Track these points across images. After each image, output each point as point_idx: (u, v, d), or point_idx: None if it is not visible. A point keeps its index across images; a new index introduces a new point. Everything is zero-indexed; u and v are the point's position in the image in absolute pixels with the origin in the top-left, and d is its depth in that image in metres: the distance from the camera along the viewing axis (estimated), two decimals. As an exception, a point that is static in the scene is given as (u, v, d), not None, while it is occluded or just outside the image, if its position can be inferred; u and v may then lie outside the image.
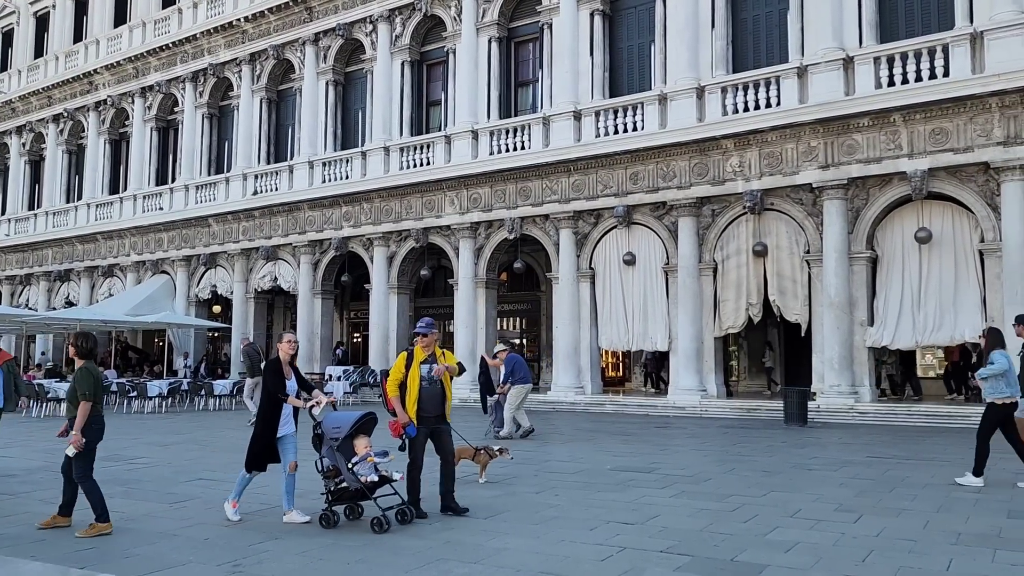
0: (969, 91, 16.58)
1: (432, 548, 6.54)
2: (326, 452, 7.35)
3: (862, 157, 17.97)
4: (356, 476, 7.14)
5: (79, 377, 7.12)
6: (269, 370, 7.59)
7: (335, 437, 7.27)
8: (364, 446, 7.32)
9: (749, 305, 19.52)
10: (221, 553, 6.43)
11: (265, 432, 7.45)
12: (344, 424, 7.34)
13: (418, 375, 7.61)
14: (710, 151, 19.83)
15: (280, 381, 7.52)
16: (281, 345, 7.78)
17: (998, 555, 6.24)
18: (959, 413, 16.75)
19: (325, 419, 7.42)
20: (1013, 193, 16.36)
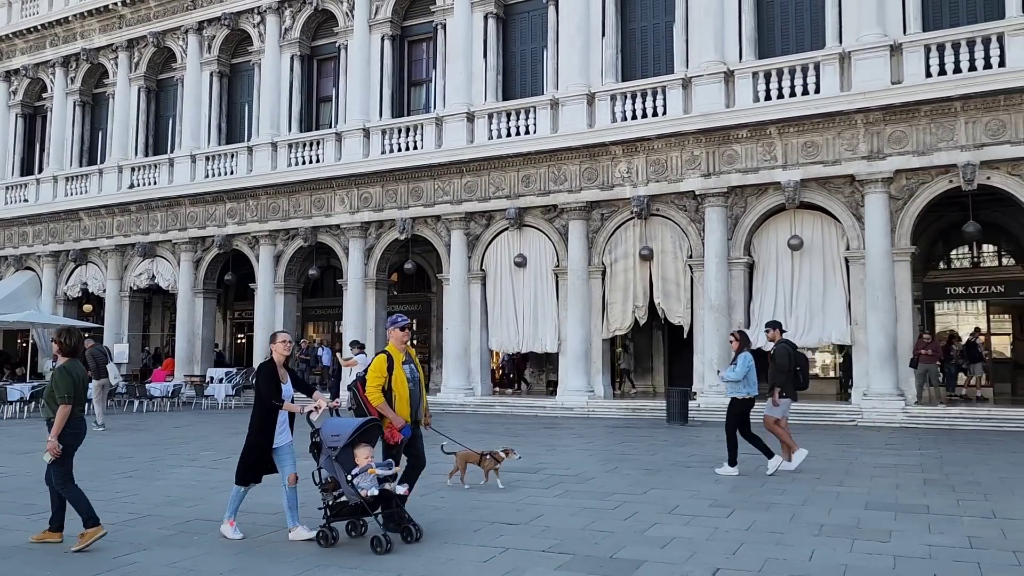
0: (837, 107, 17.60)
1: (312, 554, 6.38)
2: (324, 462, 6.63)
3: (741, 167, 18.77)
4: (356, 489, 6.41)
5: (57, 377, 6.64)
6: (262, 374, 6.94)
7: (333, 446, 6.53)
8: (365, 456, 6.53)
9: (636, 307, 20.05)
10: (81, 570, 6.07)
11: (260, 441, 6.82)
12: (344, 431, 6.58)
13: (404, 377, 7.04)
14: (600, 156, 20.26)
15: (274, 386, 6.86)
16: (275, 346, 7.09)
17: (856, 544, 6.62)
18: (827, 410, 17.74)
19: (324, 425, 6.68)
20: (875, 204, 17.46)
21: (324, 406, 6.93)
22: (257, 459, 6.86)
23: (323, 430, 6.64)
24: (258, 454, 6.85)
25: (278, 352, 7.02)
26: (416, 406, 7.13)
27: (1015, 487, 9.22)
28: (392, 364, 6.99)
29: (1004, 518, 7.57)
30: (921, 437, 14.57)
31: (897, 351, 17.29)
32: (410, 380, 7.08)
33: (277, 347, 7.05)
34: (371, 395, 6.88)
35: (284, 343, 7.08)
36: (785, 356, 10.60)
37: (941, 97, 16.73)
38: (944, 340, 20.32)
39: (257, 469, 6.87)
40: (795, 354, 10.83)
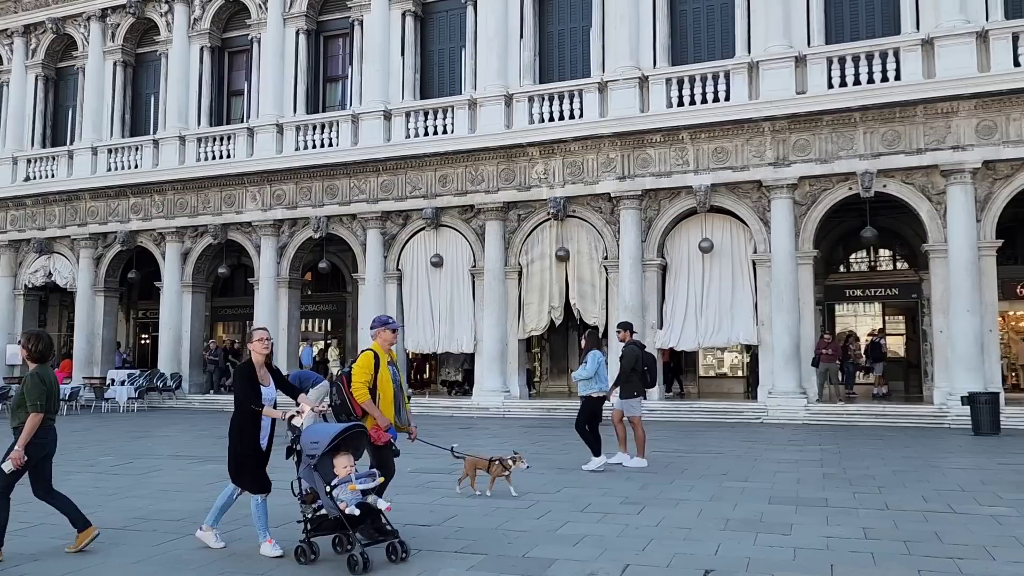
0: (746, 115, 18.17)
1: (217, 561, 6.17)
2: (303, 471, 6.09)
3: (655, 171, 19.16)
4: (335, 502, 5.87)
5: (29, 384, 6.25)
6: (240, 376, 6.43)
7: (312, 454, 5.97)
8: (344, 466, 5.95)
9: (551, 308, 20.23)
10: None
11: (246, 450, 6.34)
12: (323, 438, 6.00)
13: (389, 377, 6.79)
14: (517, 157, 20.35)
15: (253, 389, 6.31)
16: (253, 345, 6.51)
17: (759, 538, 6.84)
18: (734, 409, 18.31)
19: (304, 432, 6.13)
20: (781, 209, 18.10)
21: (308, 411, 6.34)
22: (256, 467, 6.38)
23: (303, 436, 6.11)
24: (255, 462, 6.37)
25: (257, 351, 6.46)
26: (399, 410, 6.89)
27: (906, 480, 9.70)
28: (379, 363, 6.74)
29: (896, 510, 7.95)
30: (822, 433, 15.18)
31: (800, 351, 17.97)
32: (393, 381, 6.84)
33: (255, 346, 6.48)
34: (357, 392, 6.60)
35: (262, 341, 6.49)
36: (632, 357, 11.02)
37: (842, 108, 17.47)
38: (843, 340, 21.23)
39: (252, 476, 6.39)
40: (644, 355, 11.26)
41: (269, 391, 6.44)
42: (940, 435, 14.94)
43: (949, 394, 16.55)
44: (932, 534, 6.91)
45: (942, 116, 16.93)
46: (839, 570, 5.87)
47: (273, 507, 6.64)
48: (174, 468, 11.34)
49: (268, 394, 6.42)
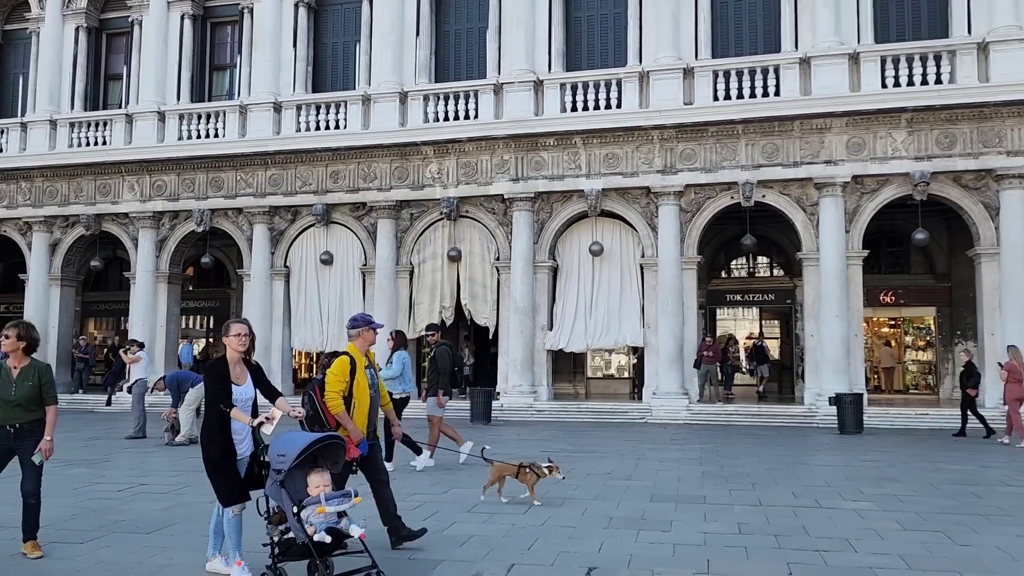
0: (636, 123, 18.65)
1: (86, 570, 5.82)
2: (270, 488, 5.30)
3: (548, 174, 19.40)
4: (303, 525, 5.12)
5: (47, 375, 6.32)
6: (211, 373, 5.66)
7: (279, 468, 5.21)
8: (317, 485, 5.20)
9: (443, 308, 20.16)
10: None
11: (216, 455, 5.52)
12: (291, 450, 5.20)
13: (366, 383, 6.33)
14: (411, 156, 20.18)
15: (224, 388, 5.56)
16: (228, 339, 5.71)
17: (641, 535, 7.01)
18: (620, 409, 18.74)
19: (273, 442, 5.36)
20: (668, 216, 18.67)
21: (278, 416, 5.56)
22: (230, 473, 5.57)
23: (271, 447, 5.36)
24: (229, 468, 5.58)
25: (232, 347, 5.68)
26: (374, 417, 6.49)
27: (778, 477, 10.17)
28: (355, 368, 6.27)
29: (768, 505, 8.32)
30: (702, 433, 15.74)
31: (683, 353, 18.58)
32: (371, 387, 6.43)
33: (230, 340, 5.69)
34: (331, 402, 6.12)
35: (239, 336, 5.66)
36: (447, 358, 11.07)
37: (726, 120, 18.19)
38: (724, 343, 22.10)
39: (239, 484, 5.58)
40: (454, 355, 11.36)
41: (243, 390, 5.66)
42: (810, 434, 15.76)
43: (818, 395, 17.49)
44: (801, 528, 7.26)
45: (817, 132, 17.88)
46: (715, 565, 6.08)
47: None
48: (36, 473, 10.61)
49: (242, 393, 5.66)
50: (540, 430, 16.20)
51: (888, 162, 17.57)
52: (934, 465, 11.32)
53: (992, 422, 15.02)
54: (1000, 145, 17.01)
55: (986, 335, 17.45)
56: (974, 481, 9.97)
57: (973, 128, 17.14)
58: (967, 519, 7.65)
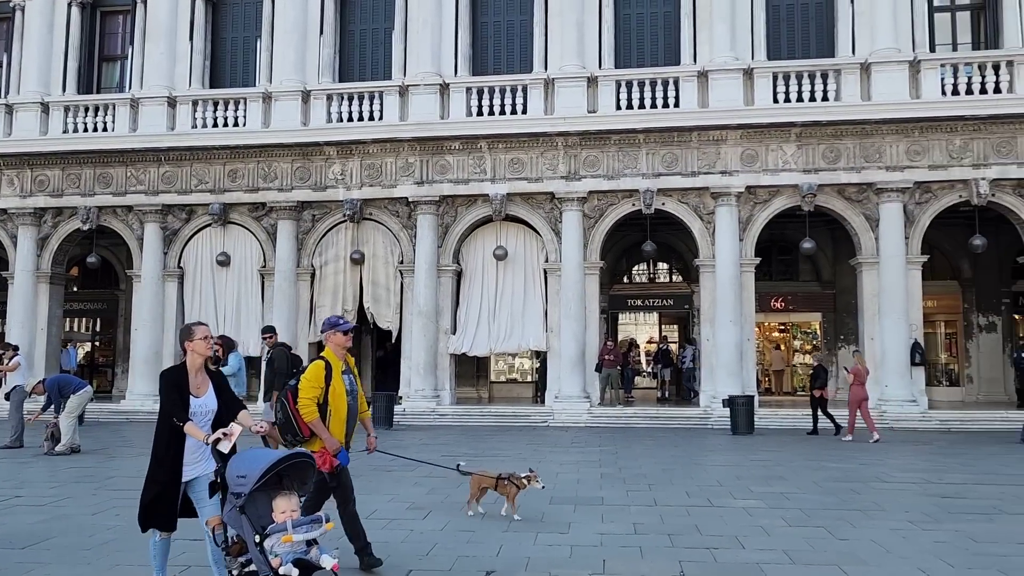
0: (542, 129, 18.86)
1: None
2: (228, 514, 4.58)
3: (453, 177, 19.37)
4: (267, 557, 4.39)
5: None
6: (166, 382, 5.03)
7: (238, 491, 4.47)
8: (284, 511, 4.43)
9: (345, 311, 19.81)
10: None
11: (159, 472, 4.96)
12: (252, 470, 4.46)
13: (343, 389, 5.90)
14: (313, 156, 19.79)
15: (180, 399, 4.96)
16: (191, 344, 5.09)
17: (539, 537, 7.07)
18: (523, 413, 18.88)
19: (232, 461, 4.66)
20: (571, 221, 18.93)
21: (238, 432, 4.82)
22: (160, 495, 4.96)
23: (229, 468, 4.62)
24: (160, 489, 4.96)
25: (198, 351, 5.09)
26: (352, 425, 6.02)
27: (674, 477, 10.46)
28: (331, 373, 5.86)
29: (663, 505, 8.54)
30: (602, 435, 16.02)
31: (585, 357, 18.88)
32: (349, 393, 5.99)
33: (195, 345, 5.08)
34: (304, 409, 5.67)
35: (207, 340, 5.12)
36: (284, 360, 10.82)
37: (628, 129, 18.61)
38: (625, 347, 22.57)
39: (162, 510, 4.97)
40: (292, 357, 11.08)
41: (204, 402, 5.04)
42: (705, 435, 16.27)
43: (713, 397, 18.08)
44: (693, 527, 7.48)
45: (713, 143, 18.50)
46: (610, 565, 6.19)
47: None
48: None
49: (202, 406, 5.03)
50: (443, 434, 16.13)
51: (779, 174, 18.34)
52: (818, 464, 11.87)
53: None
54: (880, 160, 18.01)
55: (866, 339, 18.44)
56: (853, 478, 10.50)
57: (856, 144, 18.09)
58: (846, 514, 8.05)
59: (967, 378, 22.10)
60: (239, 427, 4.89)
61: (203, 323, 5.33)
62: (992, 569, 6.02)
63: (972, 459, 12.52)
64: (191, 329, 5.15)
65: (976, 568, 6.07)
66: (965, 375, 22.18)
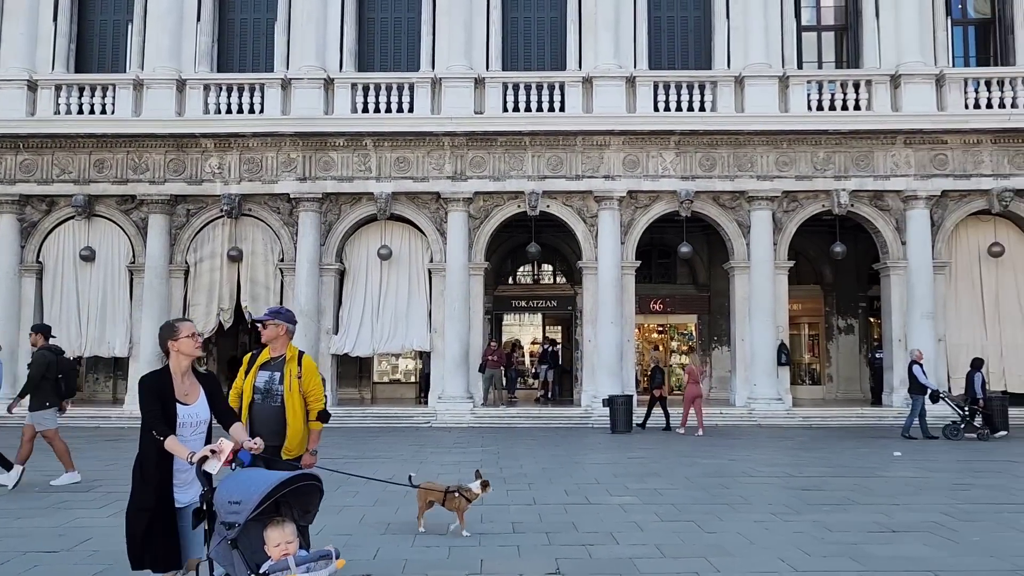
0: (428, 128, 18.76)
1: None
2: (215, 550, 3.76)
3: (337, 174, 19.00)
4: None
5: None
6: (145, 387, 4.23)
7: (231, 521, 3.67)
8: (278, 543, 3.69)
9: (221, 310, 19.11)
10: None
11: (145, 496, 4.15)
12: (248, 495, 3.68)
13: (252, 383, 5.31)
14: (189, 148, 18.98)
15: (161, 408, 4.17)
16: (176, 343, 4.33)
17: (417, 539, 7.02)
18: (406, 413, 18.72)
19: (223, 483, 3.84)
20: (457, 222, 18.94)
21: (228, 450, 4.02)
22: (152, 525, 4.12)
23: (219, 492, 3.79)
24: (150, 516, 4.12)
25: (184, 351, 4.32)
26: (268, 429, 5.22)
27: (553, 476, 10.61)
28: (253, 365, 5.36)
29: (542, 504, 8.64)
30: (484, 435, 16.08)
31: (469, 357, 18.90)
32: (259, 391, 5.34)
33: (181, 344, 4.33)
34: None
35: (193, 337, 4.36)
36: (43, 364, 10.02)
37: (515, 131, 18.77)
38: (509, 348, 22.75)
39: (160, 542, 4.13)
40: (60, 361, 10.31)
41: (194, 411, 4.29)
42: (585, 434, 16.60)
43: (594, 396, 18.48)
44: (570, 524, 7.60)
45: (597, 148, 18.91)
46: (488, 564, 6.21)
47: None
48: None
49: (192, 416, 4.28)
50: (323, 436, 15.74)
51: (659, 180, 18.94)
52: (690, 460, 12.33)
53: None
54: (752, 170, 18.89)
55: (737, 340, 19.30)
56: (723, 474, 10.96)
57: (731, 153, 18.92)
58: (715, 508, 8.38)
59: (828, 377, 23.50)
60: (231, 444, 4.06)
61: (188, 320, 4.72)
62: (844, 557, 6.41)
63: (830, 454, 13.31)
64: (175, 327, 4.38)
65: (830, 556, 6.44)
66: (826, 374, 23.57)
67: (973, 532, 7.24)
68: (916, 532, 7.25)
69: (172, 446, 4.06)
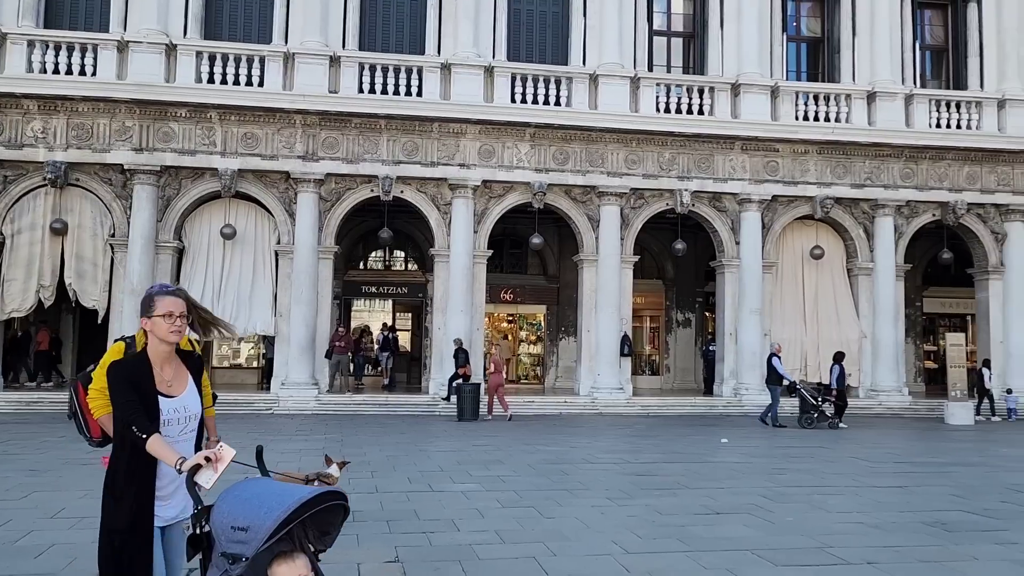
0: (279, 104, 18.06)
1: None
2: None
3: (178, 147, 17.95)
4: None
5: None
6: (116, 376, 3.30)
7: (235, 553, 2.77)
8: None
9: (41, 287, 17.63)
10: None
11: (119, 513, 3.23)
12: (259, 521, 2.76)
13: None
14: (8, 109, 17.38)
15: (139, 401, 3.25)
16: (151, 321, 3.33)
17: (251, 530, 6.73)
18: (246, 400, 18.01)
19: (222, 500, 2.92)
20: (306, 203, 18.37)
21: (229, 458, 3.15)
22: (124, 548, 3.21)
23: (216, 512, 2.88)
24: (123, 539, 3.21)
25: (159, 335, 3.34)
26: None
27: (397, 464, 10.52)
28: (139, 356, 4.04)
29: (384, 492, 8.54)
30: (329, 423, 15.73)
31: (315, 342, 18.42)
32: None
33: (156, 324, 3.32)
34: (92, 402, 3.72)
35: (169, 317, 3.32)
36: None
37: (370, 113, 18.41)
38: (358, 334, 22.34)
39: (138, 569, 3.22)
40: None
41: (180, 404, 3.41)
42: (432, 422, 16.59)
43: (442, 384, 18.49)
44: (412, 512, 7.56)
45: (453, 136, 18.88)
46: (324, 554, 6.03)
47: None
48: None
49: (177, 409, 3.39)
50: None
51: (513, 171, 19.15)
52: (533, 448, 12.58)
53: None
54: (603, 166, 19.47)
55: (584, 331, 19.88)
56: (564, 460, 11.26)
57: (583, 148, 19.41)
58: (555, 494, 8.59)
59: (666, 368, 24.67)
60: (231, 451, 3.16)
61: (172, 291, 3.40)
62: (672, 538, 6.73)
63: (664, 441, 13.98)
64: (152, 300, 3.33)
65: (660, 538, 6.74)
66: (664, 365, 24.74)
67: (787, 513, 7.79)
68: (737, 514, 7.73)
69: (157, 448, 3.15)
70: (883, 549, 6.41)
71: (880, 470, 10.94)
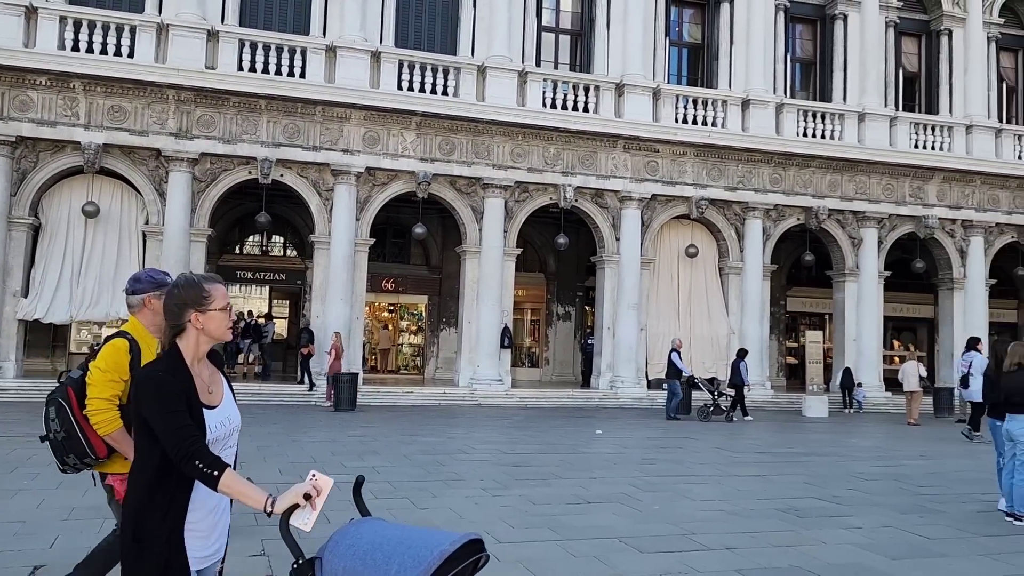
0: (151, 77, 17.15)
1: None
2: None
3: (36, 117, 16.77)
4: None
5: None
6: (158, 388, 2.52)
7: None
8: None
9: None
10: None
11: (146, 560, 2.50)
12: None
13: None
14: None
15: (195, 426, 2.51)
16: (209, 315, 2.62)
17: (105, 524, 6.36)
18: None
19: (329, 555, 2.39)
20: (178, 183, 17.54)
21: (327, 489, 2.64)
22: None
23: (327, 565, 2.42)
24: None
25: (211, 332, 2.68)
26: None
27: (268, 455, 10.22)
28: (139, 360, 3.56)
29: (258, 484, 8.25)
30: (198, 412, 15.07)
31: (185, 329, 17.59)
32: None
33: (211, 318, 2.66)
34: (97, 416, 3.44)
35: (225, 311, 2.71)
36: None
37: (249, 92, 17.74)
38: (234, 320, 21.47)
39: None
40: None
41: (221, 416, 2.73)
42: (308, 412, 16.20)
43: (319, 374, 18.09)
44: (281, 504, 7.33)
45: (337, 120, 18.46)
46: (185, 549, 5.78)
47: None
48: None
49: (221, 423, 2.72)
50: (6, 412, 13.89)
51: (398, 159, 18.93)
52: (410, 438, 12.50)
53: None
54: (489, 158, 19.53)
55: (465, 322, 19.91)
56: (440, 451, 11.24)
57: (470, 140, 19.39)
58: (430, 485, 8.56)
59: (545, 360, 25.05)
60: (329, 480, 2.65)
61: (215, 279, 2.76)
62: (544, 528, 6.83)
63: (541, 432, 14.19)
64: (204, 290, 2.67)
65: (532, 527, 6.83)
66: (544, 358, 25.11)
67: (654, 501, 8.06)
68: (608, 503, 7.93)
69: (233, 486, 2.54)
70: (741, 535, 6.74)
71: (742, 460, 11.50)
